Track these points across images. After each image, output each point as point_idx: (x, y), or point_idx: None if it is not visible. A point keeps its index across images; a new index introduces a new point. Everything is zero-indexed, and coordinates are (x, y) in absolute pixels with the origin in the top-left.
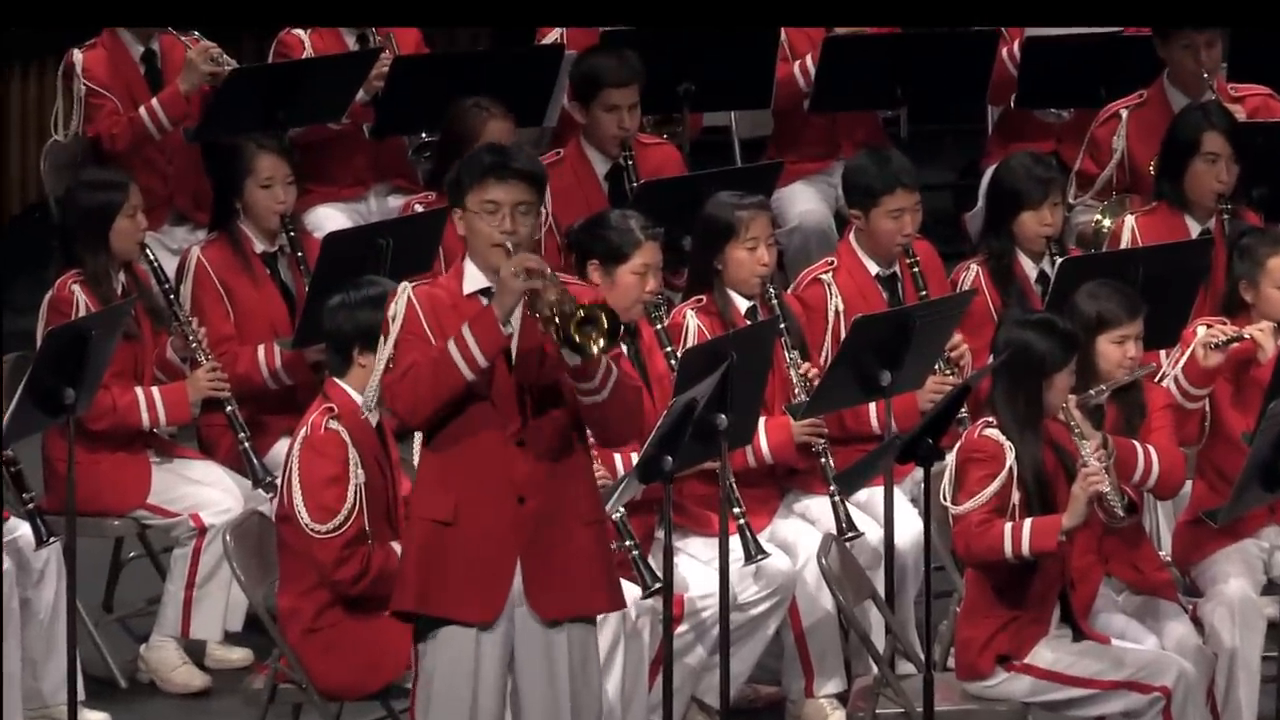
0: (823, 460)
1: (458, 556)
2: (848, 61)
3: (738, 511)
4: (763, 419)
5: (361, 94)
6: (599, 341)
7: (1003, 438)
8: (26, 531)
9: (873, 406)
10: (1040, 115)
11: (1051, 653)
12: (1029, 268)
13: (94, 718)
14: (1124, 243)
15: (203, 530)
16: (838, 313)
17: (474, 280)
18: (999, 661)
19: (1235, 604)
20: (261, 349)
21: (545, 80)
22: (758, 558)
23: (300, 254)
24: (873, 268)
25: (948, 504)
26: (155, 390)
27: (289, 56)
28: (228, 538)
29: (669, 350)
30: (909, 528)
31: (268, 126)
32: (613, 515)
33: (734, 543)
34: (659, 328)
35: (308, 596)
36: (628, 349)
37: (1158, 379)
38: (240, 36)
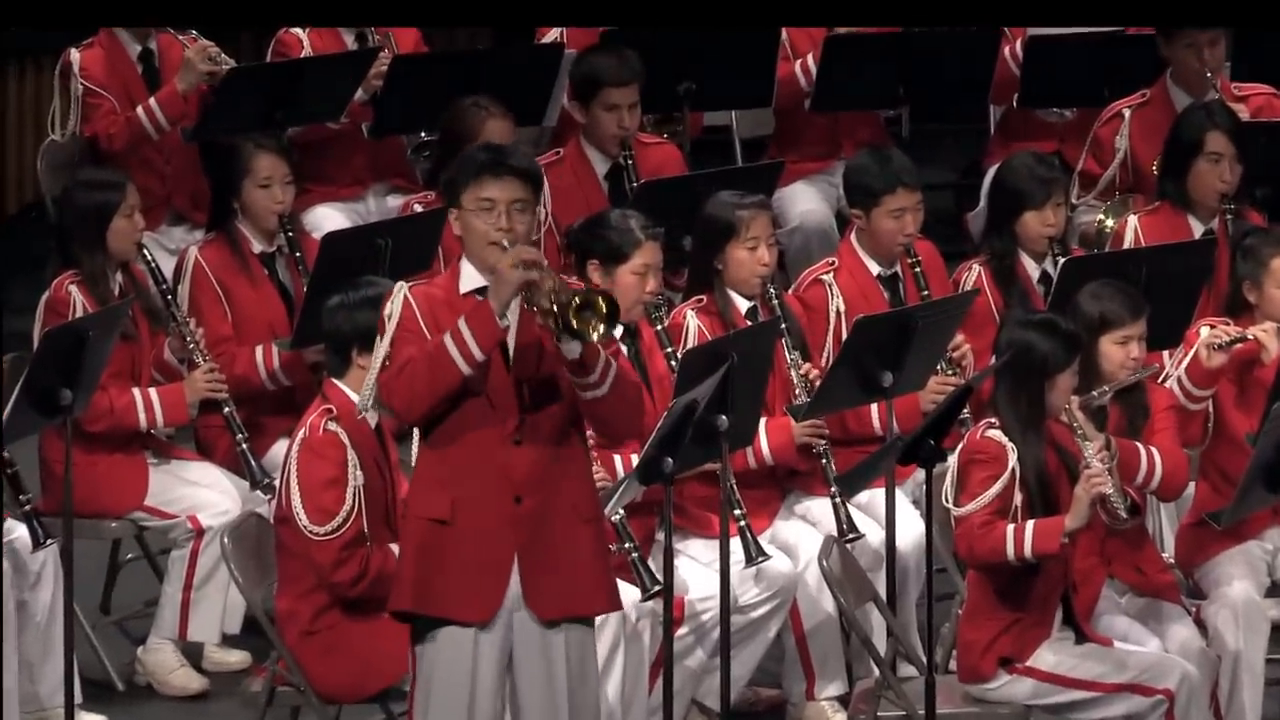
0: (824, 461)
1: (455, 555)
2: (849, 61)
3: (738, 513)
4: (763, 420)
5: (360, 93)
6: (599, 327)
7: (1005, 439)
8: (23, 533)
9: (874, 407)
10: (1042, 115)
11: (1054, 655)
12: (1031, 268)
13: None
14: (1127, 243)
15: (200, 532)
16: (839, 313)
17: (471, 279)
18: (1001, 664)
19: (1239, 606)
20: (259, 350)
21: (545, 79)
22: (758, 560)
23: (299, 254)
24: (874, 268)
25: (950, 505)
26: (153, 391)
27: (287, 55)
28: (225, 539)
29: (669, 351)
30: (911, 529)
31: (266, 126)
32: (612, 517)
33: (734, 545)
34: (659, 328)
35: (306, 599)
36: (628, 350)
37: (1161, 380)
38: (238, 35)
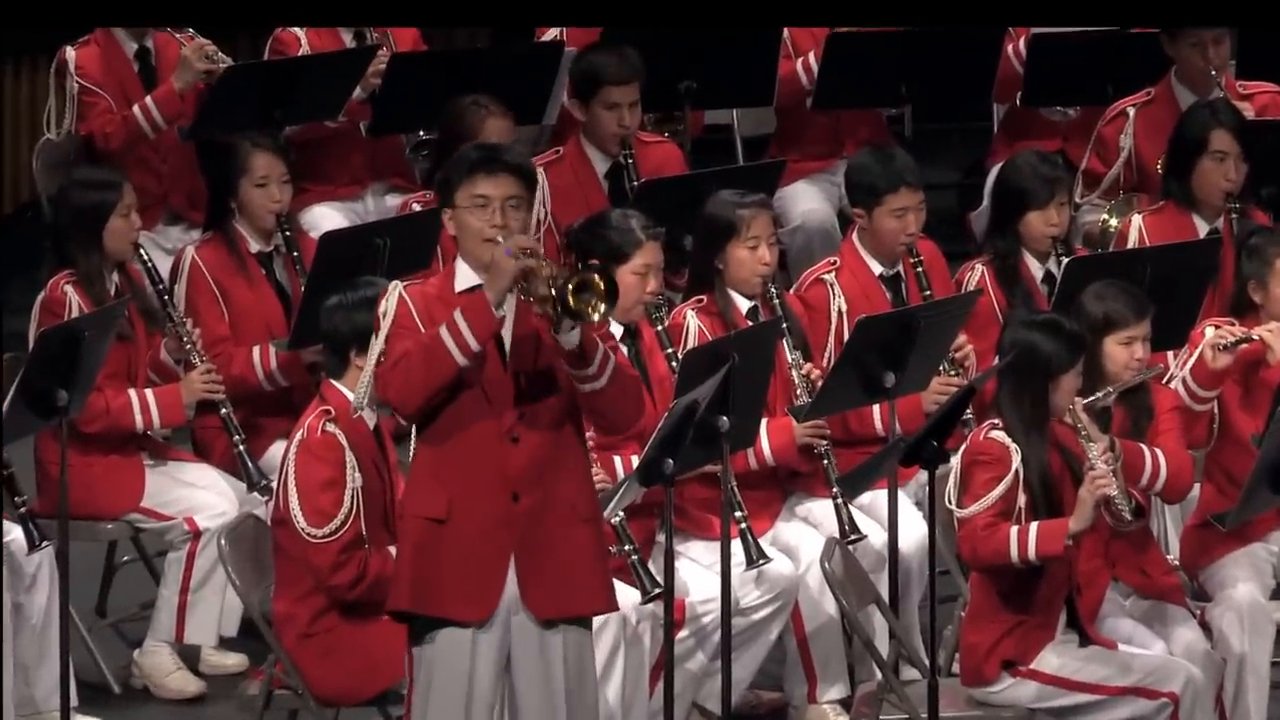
0: (825, 462)
1: (452, 554)
2: (851, 59)
3: (739, 515)
4: (764, 421)
5: (358, 91)
6: (599, 307)
7: (1009, 440)
8: (18, 535)
9: (876, 408)
10: (1046, 114)
11: (1058, 658)
12: (1035, 268)
13: None
14: (1131, 242)
15: (197, 534)
16: (841, 313)
17: (466, 278)
18: (1004, 667)
19: (1244, 609)
20: (257, 350)
21: (545, 78)
22: (759, 562)
23: (296, 254)
24: (876, 267)
25: (953, 507)
26: (149, 392)
27: (285, 54)
28: (222, 542)
29: (670, 351)
30: (913, 531)
31: (263, 124)
32: (612, 519)
33: (735, 547)
34: (660, 329)
35: (304, 601)
36: (628, 350)
37: (1165, 380)
38: (235, 33)
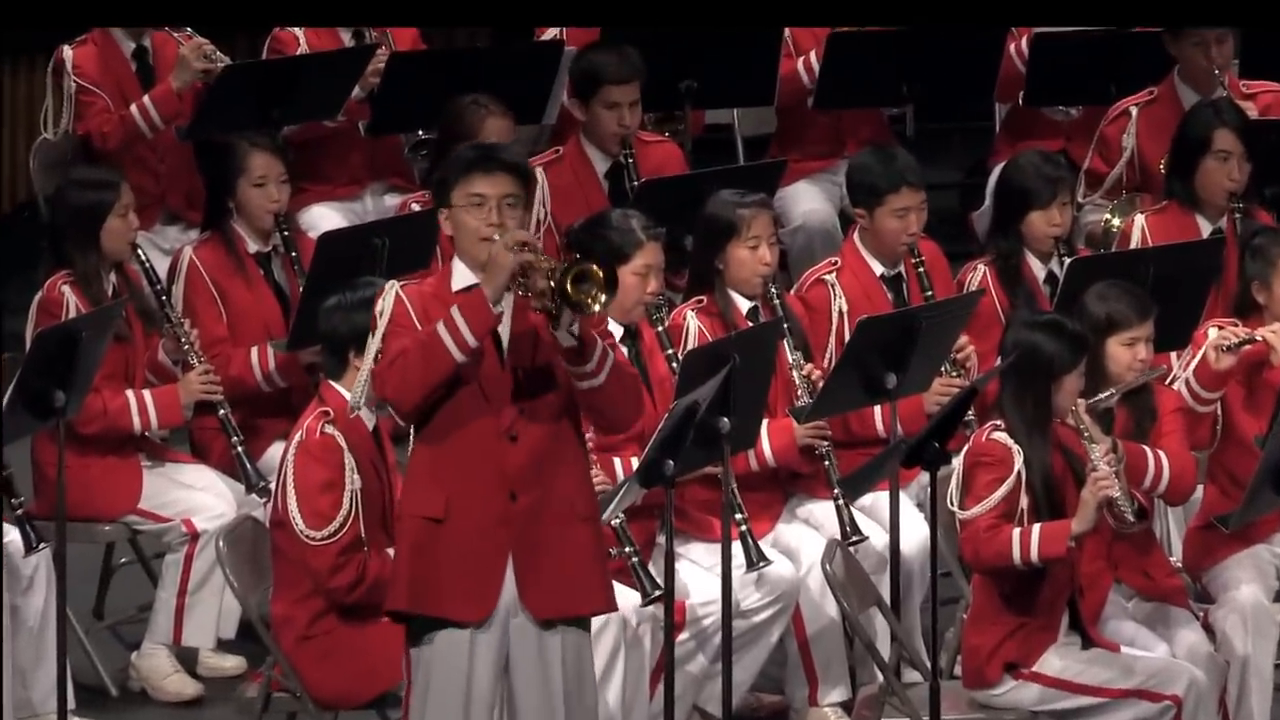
0: (826, 464)
1: (449, 554)
2: (852, 58)
3: (739, 517)
4: (765, 422)
5: (357, 91)
6: (599, 297)
7: (1011, 441)
8: (15, 537)
9: (878, 409)
10: (1048, 113)
11: (1060, 660)
12: (1037, 268)
13: None
14: (1134, 242)
15: (195, 536)
16: (842, 314)
17: (463, 278)
18: (1007, 669)
19: (1247, 611)
20: (255, 351)
21: (545, 77)
22: (759, 564)
23: (294, 254)
24: (877, 268)
25: (955, 509)
26: (147, 393)
27: (283, 53)
28: (220, 543)
29: (670, 353)
30: (915, 533)
31: (261, 124)
32: (613, 521)
33: (736, 549)
34: (660, 330)
35: (302, 603)
36: (629, 351)
37: (1168, 381)
38: (233, 32)
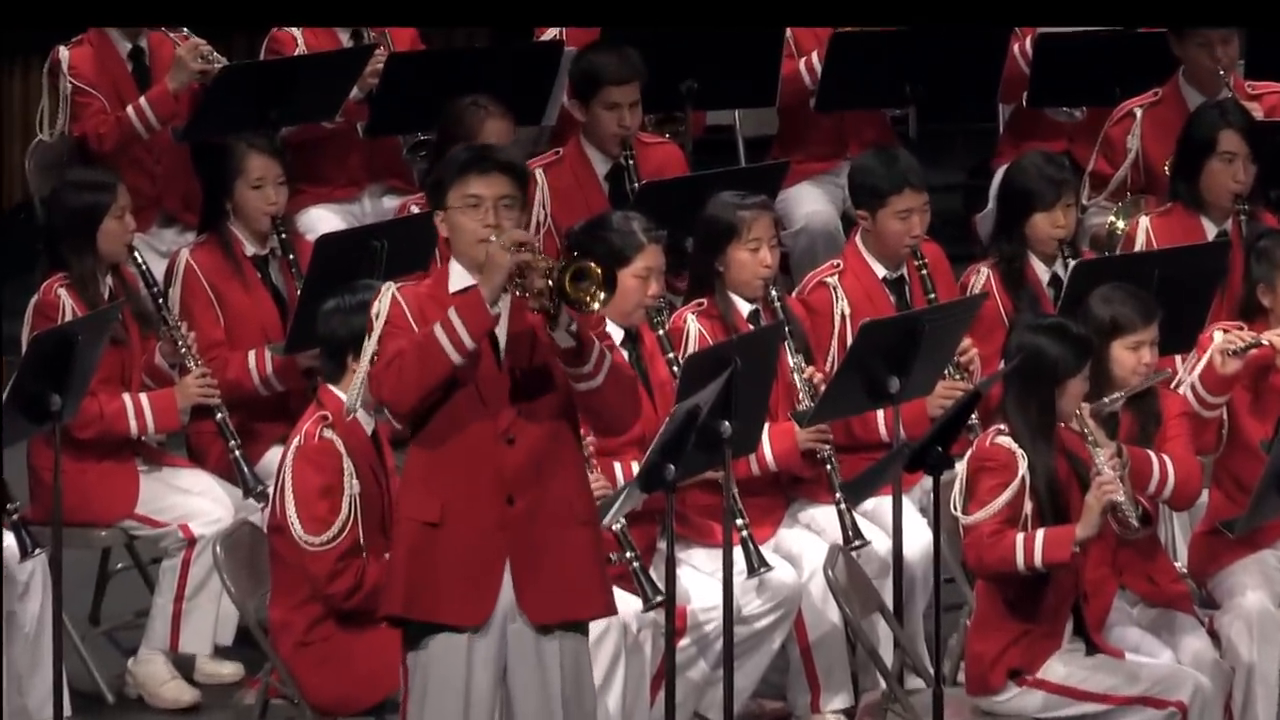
0: (828, 468)
1: (446, 558)
2: (855, 58)
3: (741, 522)
4: (767, 426)
5: (355, 92)
6: (598, 295)
7: (1015, 446)
8: (11, 543)
9: (881, 413)
10: (1052, 114)
11: (1064, 667)
12: (1041, 271)
13: None
14: (1139, 245)
15: (192, 541)
16: (844, 317)
17: (460, 279)
18: (1010, 676)
19: (1253, 617)
20: (252, 354)
21: (544, 77)
22: (761, 570)
23: (292, 257)
24: (880, 270)
25: (958, 514)
26: (143, 397)
27: (281, 53)
28: (218, 549)
29: (671, 356)
30: (918, 538)
31: (259, 125)
32: (613, 526)
33: (737, 554)
34: (661, 333)
35: (300, 609)
36: (629, 354)
37: (1173, 385)
38: (230, 33)
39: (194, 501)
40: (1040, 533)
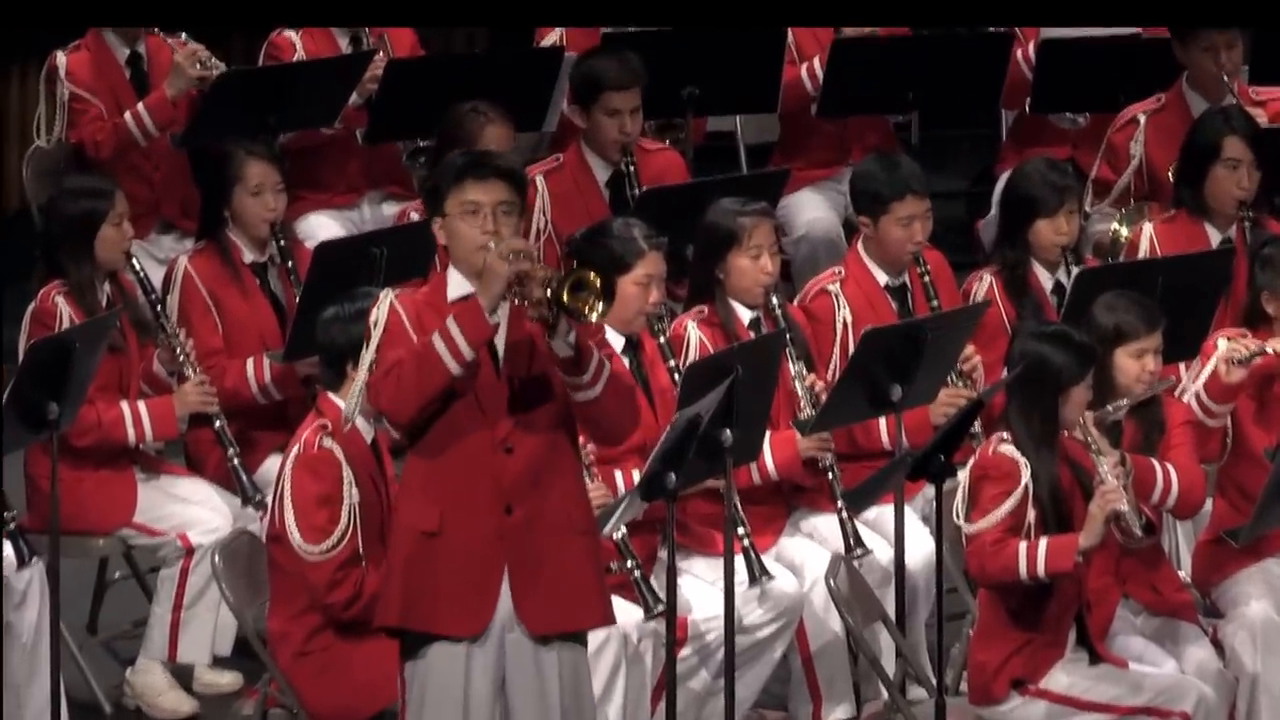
0: (830, 476)
1: (444, 568)
2: (857, 64)
3: (742, 531)
4: (768, 434)
5: (355, 98)
6: (596, 305)
7: (1018, 454)
8: (8, 552)
9: (883, 422)
10: (1056, 120)
11: (1067, 677)
12: (1044, 278)
13: None
14: (1142, 252)
15: (190, 550)
16: (846, 324)
17: (458, 287)
18: (1013, 686)
19: (1257, 626)
20: (251, 362)
21: (544, 83)
22: (762, 579)
23: (291, 264)
24: (882, 277)
25: (961, 523)
26: (141, 405)
27: (279, 59)
28: (216, 558)
29: (672, 364)
30: (920, 547)
31: (257, 131)
32: (614, 535)
33: (738, 563)
34: (662, 341)
35: (299, 619)
36: (630, 362)
37: (1177, 393)
38: (229, 38)
39: (192, 510)
40: (1043, 542)
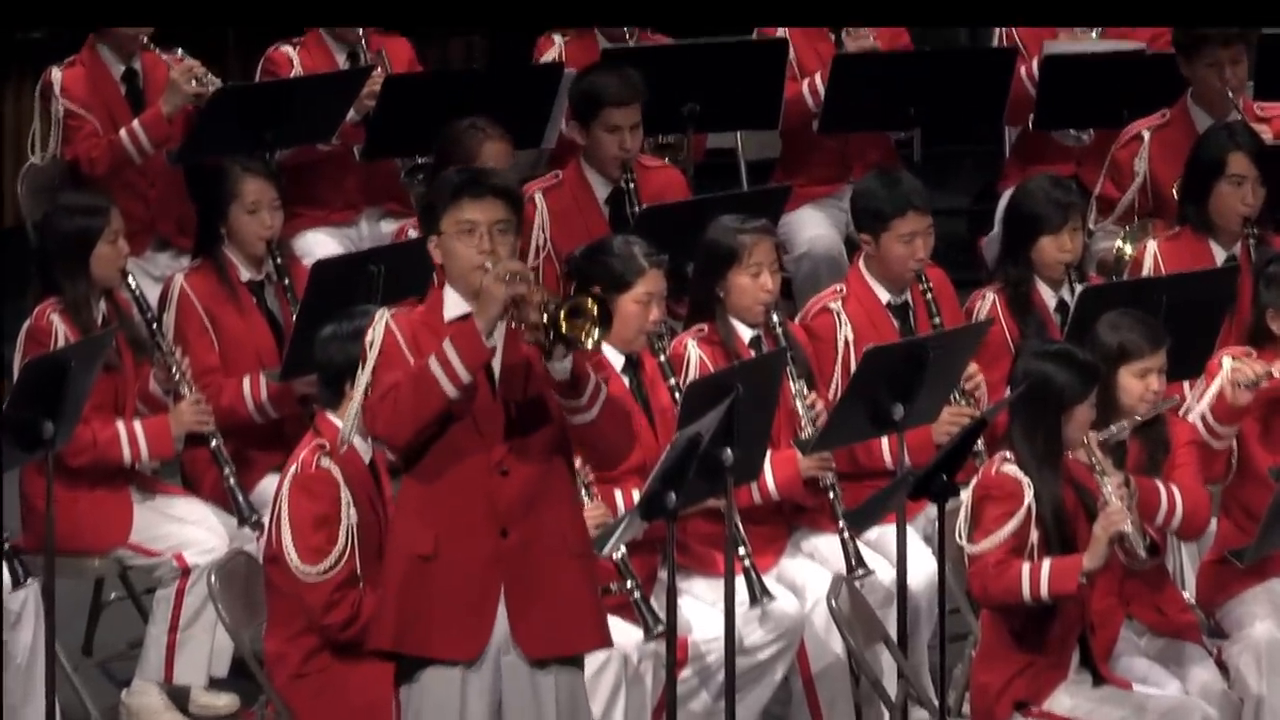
0: (831, 496)
1: (438, 592)
2: (858, 80)
3: (743, 552)
4: (769, 453)
5: (352, 114)
6: (593, 332)
7: (1021, 474)
8: (3, 572)
9: (885, 441)
10: (1059, 137)
11: (1071, 699)
12: (1048, 296)
13: None
14: (1146, 269)
15: (186, 570)
16: (847, 343)
17: (455, 306)
18: (1016, 708)
19: (1262, 647)
20: (247, 381)
21: (544, 100)
22: (762, 600)
23: (288, 282)
24: (884, 295)
25: (963, 543)
26: (137, 424)
27: (276, 75)
28: (213, 578)
29: (673, 383)
30: (922, 568)
31: (254, 148)
32: (613, 555)
33: (739, 584)
34: (662, 359)
35: (296, 640)
36: (630, 381)
37: (1181, 412)
38: (225, 54)
39: (188, 530)
40: (1046, 563)
